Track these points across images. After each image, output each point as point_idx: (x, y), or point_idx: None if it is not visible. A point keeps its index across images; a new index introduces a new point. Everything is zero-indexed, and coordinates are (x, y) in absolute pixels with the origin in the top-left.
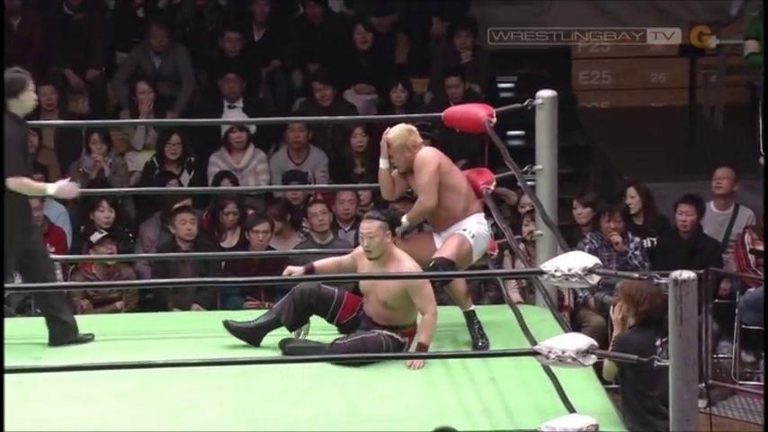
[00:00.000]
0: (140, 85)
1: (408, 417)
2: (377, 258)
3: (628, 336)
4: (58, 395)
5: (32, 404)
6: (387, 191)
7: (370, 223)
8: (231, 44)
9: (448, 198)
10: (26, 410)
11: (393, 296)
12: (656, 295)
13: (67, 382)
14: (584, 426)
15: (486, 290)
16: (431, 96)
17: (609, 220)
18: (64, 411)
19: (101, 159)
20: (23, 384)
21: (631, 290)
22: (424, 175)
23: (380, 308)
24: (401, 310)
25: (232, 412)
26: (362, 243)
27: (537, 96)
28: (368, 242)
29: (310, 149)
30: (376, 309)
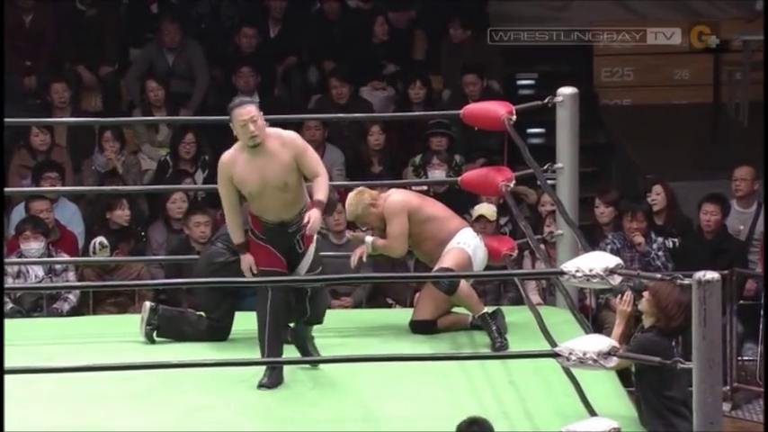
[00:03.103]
0: (150, 82)
1: (426, 419)
2: (259, 145)
3: (650, 337)
4: (71, 395)
5: (44, 404)
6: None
7: (249, 107)
8: (247, 40)
9: (428, 230)
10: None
11: (288, 171)
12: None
13: (81, 382)
14: (606, 429)
15: (505, 291)
16: (449, 94)
17: (631, 220)
18: (78, 411)
19: (113, 157)
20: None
21: (667, 302)
22: (394, 226)
23: (282, 194)
24: (299, 182)
25: (247, 413)
26: (248, 129)
27: (558, 93)
28: (253, 126)
29: (326, 148)
30: (280, 199)
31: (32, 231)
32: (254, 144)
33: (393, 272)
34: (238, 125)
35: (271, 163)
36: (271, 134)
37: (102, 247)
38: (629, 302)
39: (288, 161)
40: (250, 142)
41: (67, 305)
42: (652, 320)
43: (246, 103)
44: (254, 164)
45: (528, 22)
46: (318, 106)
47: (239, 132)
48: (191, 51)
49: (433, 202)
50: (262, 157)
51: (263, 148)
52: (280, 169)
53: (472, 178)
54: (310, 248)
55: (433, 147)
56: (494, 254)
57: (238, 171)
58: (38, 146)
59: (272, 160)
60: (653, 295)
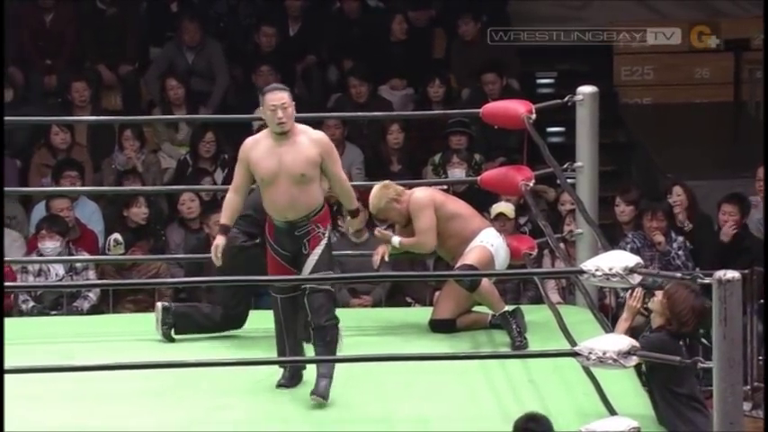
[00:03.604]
0: (170, 81)
1: (446, 418)
2: (287, 134)
3: (661, 336)
4: (89, 393)
5: (61, 403)
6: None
7: (282, 93)
8: (267, 39)
9: (452, 227)
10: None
11: (310, 163)
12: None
13: (99, 381)
14: (626, 428)
15: (525, 289)
16: (468, 92)
17: (651, 219)
18: (95, 410)
19: (133, 156)
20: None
21: (681, 307)
22: (422, 220)
23: (294, 188)
24: (315, 182)
25: (264, 414)
26: (276, 115)
27: (577, 92)
28: (282, 113)
29: (346, 146)
30: (289, 193)
31: (48, 231)
32: (280, 131)
33: (412, 271)
34: (268, 110)
35: (292, 152)
36: (299, 128)
37: (117, 243)
38: (638, 298)
39: (312, 155)
40: (277, 128)
41: (87, 303)
42: (661, 321)
43: (279, 89)
44: (275, 150)
45: (548, 21)
46: (338, 105)
47: (267, 117)
48: (210, 50)
49: (457, 200)
50: (285, 145)
51: (288, 137)
52: (301, 160)
53: (492, 177)
54: (316, 250)
55: (452, 146)
56: (514, 253)
57: (257, 154)
58: (58, 144)
59: (294, 150)
60: (667, 298)
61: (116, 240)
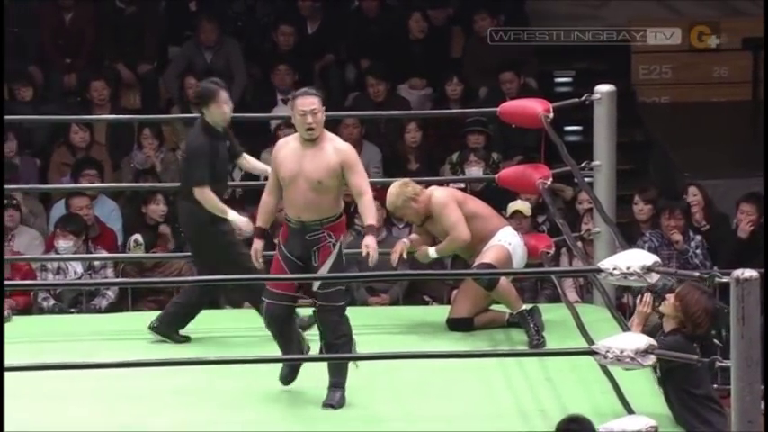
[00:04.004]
0: (189, 79)
1: (464, 417)
2: (314, 140)
3: (678, 339)
4: (107, 391)
5: (80, 400)
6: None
7: (312, 98)
8: (285, 38)
9: (471, 227)
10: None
11: (329, 171)
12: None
13: (117, 379)
14: (644, 427)
15: (542, 288)
16: (486, 91)
17: (669, 218)
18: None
19: (152, 155)
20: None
21: (695, 309)
22: (449, 215)
23: (310, 193)
24: (332, 191)
25: (282, 412)
26: (306, 120)
27: (595, 91)
28: (312, 118)
29: (364, 145)
30: (305, 196)
31: (62, 230)
32: (309, 137)
33: (430, 269)
34: (298, 114)
35: (315, 158)
36: (328, 136)
37: (137, 244)
38: (648, 303)
39: (332, 164)
40: (306, 135)
41: (106, 301)
42: (674, 324)
43: (310, 94)
44: (300, 153)
45: (566, 20)
46: (356, 104)
47: (297, 122)
48: (228, 49)
49: (475, 199)
50: (310, 150)
51: (315, 143)
52: (321, 167)
53: (509, 176)
54: (326, 263)
55: (470, 144)
56: (531, 251)
57: (282, 153)
58: (77, 143)
59: (317, 156)
60: (680, 301)
61: (136, 241)
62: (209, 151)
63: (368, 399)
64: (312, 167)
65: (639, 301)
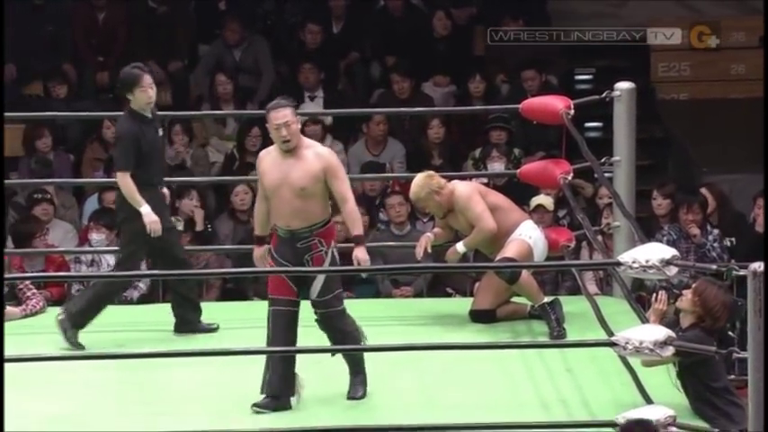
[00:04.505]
0: (219, 76)
1: (486, 406)
2: (293, 150)
3: (698, 333)
4: (136, 381)
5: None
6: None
7: (284, 111)
8: (312, 36)
9: (494, 219)
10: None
11: (311, 178)
12: (730, 311)
13: (149, 369)
14: (662, 417)
15: (562, 280)
16: (508, 88)
17: (687, 212)
18: (142, 397)
19: (182, 150)
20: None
21: (714, 303)
22: (473, 207)
23: (296, 201)
24: (317, 197)
25: (308, 399)
26: (280, 133)
27: (615, 88)
28: (285, 131)
29: (388, 141)
30: (291, 204)
31: (95, 224)
32: (285, 149)
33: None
34: (272, 128)
35: (297, 166)
36: (306, 143)
37: (178, 221)
38: (663, 301)
39: (315, 170)
40: (283, 147)
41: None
42: (692, 319)
43: (283, 106)
44: (282, 163)
45: (587, 18)
46: (380, 100)
47: (273, 135)
48: (257, 47)
49: (496, 193)
50: (291, 159)
51: (294, 152)
52: (303, 174)
53: (531, 171)
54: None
55: (492, 140)
56: (552, 244)
57: (264, 165)
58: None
59: (298, 164)
60: (698, 296)
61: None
62: (133, 137)
63: (392, 388)
64: (295, 175)
65: (655, 299)
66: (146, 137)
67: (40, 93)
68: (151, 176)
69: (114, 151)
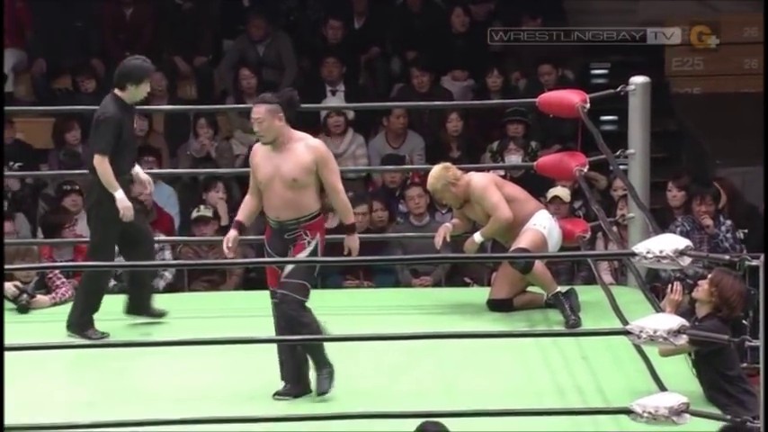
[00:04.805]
0: (244, 71)
1: (504, 393)
2: (272, 143)
3: (715, 323)
4: (164, 368)
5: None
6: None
7: (258, 108)
8: (333, 32)
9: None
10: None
11: (303, 169)
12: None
13: (175, 356)
14: (676, 404)
15: (578, 271)
16: (525, 83)
17: (700, 204)
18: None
19: (207, 143)
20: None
21: (731, 293)
22: (489, 197)
23: (287, 192)
24: (308, 189)
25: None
26: (255, 128)
27: (630, 82)
28: (257, 126)
29: (408, 134)
30: (282, 196)
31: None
32: (262, 142)
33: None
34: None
35: (288, 158)
36: (297, 136)
37: (207, 207)
38: (679, 292)
39: (306, 161)
40: (260, 140)
41: (163, 282)
42: (708, 309)
43: (259, 103)
44: (273, 157)
45: (603, 15)
46: (400, 94)
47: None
48: (280, 42)
49: (512, 184)
50: (281, 153)
51: (284, 144)
52: (294, 166)
53: (547, 163)
54: (298, 257)
55: (510, 133)
56: (568, 235)
57: (257, 159)
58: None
59: (290, 156)
60: (715, 286)
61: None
62: (117, 122)
63: (412, 375)
64: (286, 168)
65: (670, 290)
66: (126, 125)
67: (69, 87)
68: (124, 165)
69: (94, 133)
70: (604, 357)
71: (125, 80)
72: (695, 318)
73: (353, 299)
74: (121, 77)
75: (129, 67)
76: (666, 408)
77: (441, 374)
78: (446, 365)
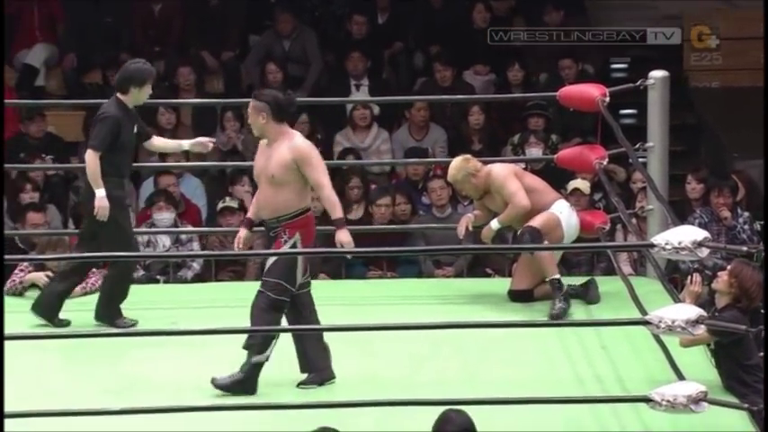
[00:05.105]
0: (270, 65)
1: (525, 382)
2: (262, 138)
3: (735, 314)
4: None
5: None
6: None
7: (250, 104)
8: (357, 27)
9: (529, 199)
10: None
11: (281, 166)
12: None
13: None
14: (694, 392)
15: (598, 262)
16: (546, 77)
17: (718, 196)
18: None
19: (234, 136)
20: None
21: (750, 283)
22: (508, 186)
23: (268, 189)
24: (287, 187)
25: (353, 378)
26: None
27: (649, 77)
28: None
29: (430, 126)
30: (264, 193)
31: (165, 203)
32: (255, 135)
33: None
34: None
35: (271, 157)
36: (288, 136)
37: (233, 199)
38: (698, 283)
39: (285, 159)
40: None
41: (191, 272)
42: (728, 299)
43: (251, 99)
44: (263, 153)
45: (623, 9)
46: (423, 88)
47: None
48: (305, 37)
49: (531, 175)
50: (270, 150)
51: (272, 143)
52: (274, 162)
53: (568, 156)
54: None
55: (530, 126)
56: (587, 227)
57: (257, 155)
58: (164, 125)
59: (273, 154)
60: (735, 277)
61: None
62: (117, 122)
63: (434, 364)
64: (269, 164)
65: (689, 281)
66: (125, 128)
67: (99, 81)
68: (123, 168)
69: (93, 129)
70: (624, 347)
71: (128, 83)
72: (714, 308)
73: (377, 289)
74: (124, 81)
75: (131, 71)
76: (685, 396)
77: (462, 363)
78: (468, 355)
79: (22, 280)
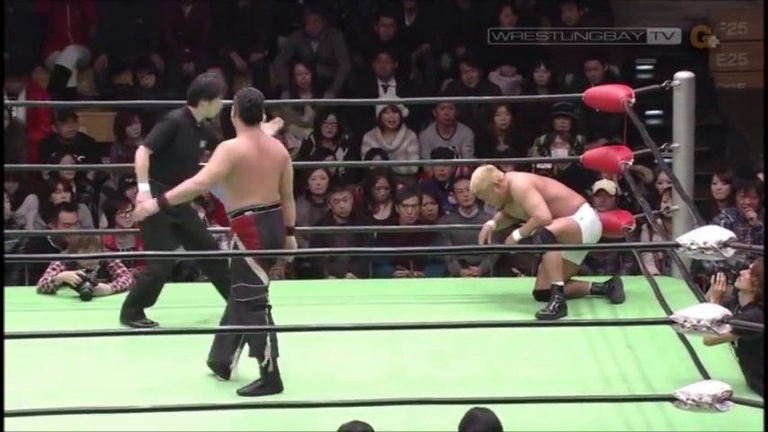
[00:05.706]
0: (299, 66)
1: (550, 381)
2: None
3: (757, 312)
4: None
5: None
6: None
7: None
8: (385, 28)
9: (553, 209)
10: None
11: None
12: None
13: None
14: (719, 392)
15: (623, 261)
16: (572, 78)
17: (744, 196)
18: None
19: None
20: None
21: None
22: (530, 198)
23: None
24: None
25: (380, 374)
26: None
27: (675, 78)
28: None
29: (457, 126)
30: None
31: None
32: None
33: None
34: None
35: None
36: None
37: None
38: (722, 282)
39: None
40: None
41: None
42: (750, 298)
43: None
44: None
45: (648, 8)
46: (450, 89)
47: None
48: (333, 38)
49: (555, 182)
50: None
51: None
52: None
53: (593, 156)
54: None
55: (556, 127)
56: (613, 227)
57: None
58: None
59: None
60: (756, 275)
61: None
62: (176, 127)
63: (460, 363)
64: None
65: (714, 280)
66: (184, 137)
67: (129, 82)
68: (169, 175)
69: (153, 128)
70: (649, 346)
71: (197, 96)
72: (738, 306)
73: (404, 288)
74: (194, 94)
75: (201, 84)
76: (710, 395)
77: (488, 362)
78: (493, 354)
79: (54, 278)
